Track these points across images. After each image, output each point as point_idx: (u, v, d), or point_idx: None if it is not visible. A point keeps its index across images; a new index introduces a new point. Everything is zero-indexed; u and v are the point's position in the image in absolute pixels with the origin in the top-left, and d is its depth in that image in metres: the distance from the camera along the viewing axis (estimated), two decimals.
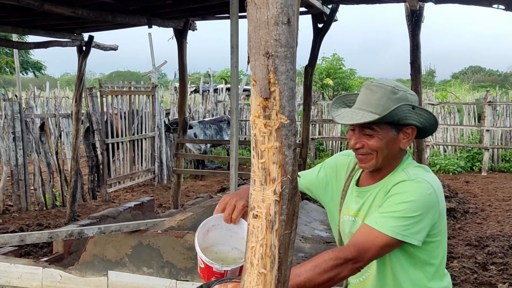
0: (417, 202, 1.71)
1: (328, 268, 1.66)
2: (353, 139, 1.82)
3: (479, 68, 56.40)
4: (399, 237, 1.69)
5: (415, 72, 5.32)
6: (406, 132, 1.82)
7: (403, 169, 1.84)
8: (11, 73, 24.99)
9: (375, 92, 1.79)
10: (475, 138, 14.14)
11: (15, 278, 4.29)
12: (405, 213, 1.70)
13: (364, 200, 1.89)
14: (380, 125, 1.77)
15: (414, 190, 1.73)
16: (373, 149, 1.80)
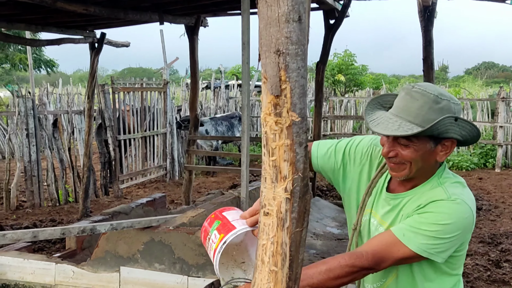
0: (453, 225, 1.63)
1: (342, 274, 1.64)
2: (386, 147, 1.70)
3: (493, 64, 55.88)
4: (424, 254, 1.65)
5: (427, 68, 5.28)
6: (445, 144, 1.68)
7: (440, 183, 1.72)
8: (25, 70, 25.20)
9: (415, 99, 1.63)
10: (488, 134, 14.01)
11: (28, 274, 4.34)
12: (437, 234, 1.63)
13: (390, 208, 1.80)
14: (418, 136, 1.63)
15: (452, 213, 1.64)
16: (407, 159, 1.67)
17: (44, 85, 19.69)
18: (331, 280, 1.64)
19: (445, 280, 1.80)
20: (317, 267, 1.67)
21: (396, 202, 1.80)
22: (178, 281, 3.96)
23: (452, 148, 1.70)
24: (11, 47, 24.38)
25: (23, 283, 4.37)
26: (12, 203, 8.00)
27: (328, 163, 1.96)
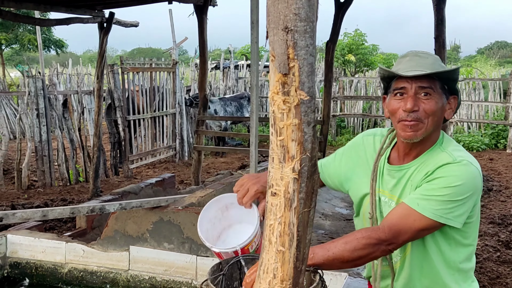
0: (464, 186, 1.65)
1: (359, 246, 1.62)
2: (410, 101, 1.69)
3: (506, 43, 55.08)
4: (442, 220, 1.64)
5: (439, 47, 5.20)
6: (450, 101, 1.77)
7: (443, 149, 1.75)
8: (34, 50, 25.25)
9: (425, 57, 1.73)
10: (500, 115, 13.87)
11: (39, 252, 4.39)
12: (450, 197, 1.64)
13: (396, 180, 1.81)
14: (436, 87, 1.70)
15: (461, 174, 1.66)
16: (428, 112, 1.69)
17: (54, 65, 19.72)
18: (347, 252, 1.63)
19: (459, 251, 1.78)
20: (334, 242, 1.67)
21: (402, 174, 1.80)
22: (187, 260, 3.99)
23: (455, 105, 1.78)
24: (21, 27, 24.41)
25: (34, 261, 4.43)
26: (23, 182, 8.08)
27: (332, 168, 2.06)
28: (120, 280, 4.26)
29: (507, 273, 4.77)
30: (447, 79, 1.71)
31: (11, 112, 13.67)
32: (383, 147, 1.87)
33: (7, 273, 4.50)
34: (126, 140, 9.09)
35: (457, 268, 1.80)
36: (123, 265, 4.23)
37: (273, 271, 1.26)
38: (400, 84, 1.72)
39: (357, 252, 1.63)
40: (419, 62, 1.71)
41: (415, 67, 1.70)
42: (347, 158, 2.01)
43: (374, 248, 1.64)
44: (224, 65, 17.01)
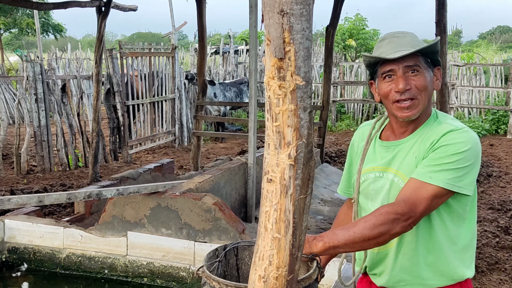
0: (471, 151, 1.68)
1: (378, 222, 1.62)
2: (401, 82, 1.74)
3: (508, 28, 54.75)
4: (455, 189, 1.66)
5: (440, 32, 5.15)
6: (436, 73, 1.81)
7: (441, 122, 1.79)
8: (33, 34, 25.11)
9: (403, 37, 1.78)
10: (501, 100, 13.82)
11: (37, 238, 4.39)
12: (459, 164, 1.66)
13: (394, 154, 1.84)
14: (421, 62, 1.75)
15: (467, 140, 1.69)
16: (420, 88, 1.74)
17: (52, 50, 19.62)
18: (368, 230, 1.63)
19: (462, 227, 1.79)
20: (354, 222, 1.69)
21: (399, 148, 1.84)
22: (184, 246, 3.99)
23: (441, 75, 1.83)
24: (19, 11, 24.25)
25: (32, 246, 4.43)
26: (22, 167, 8.07)
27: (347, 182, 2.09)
28: (118, 265, 4.26)
29: (505, 258, 4.77)
30: (430, 53, 1.76)
31: (10, 97, 13.62)
32: (371, 133, 1.94)
33: (5, 258, 4.51)
34: (125, 125, 9.06)
35: (461, 246, 1.80)
36: (121, 250, 4.23)
37: (269, 258, 1.25)
38: (387, 67, 1.77)
39: (378, 229, 1.63)
40: (400, 43, 1.76)
41: (397, 48, 1.74)
42: (349, 162, 2.08)
43: (393, 223, 1.64)
44: (224, 50, 16.91)
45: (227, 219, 3.88)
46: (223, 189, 4.94)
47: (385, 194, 1.83)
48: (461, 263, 1.81)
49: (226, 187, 5.02)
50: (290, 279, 1.28)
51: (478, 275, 4.47)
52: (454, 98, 12.88)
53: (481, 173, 7.80)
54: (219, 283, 1.64)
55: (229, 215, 3.95)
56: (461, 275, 1.81)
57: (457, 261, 1.80)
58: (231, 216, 3.96)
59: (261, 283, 1.27)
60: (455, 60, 13.69)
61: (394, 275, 1.85)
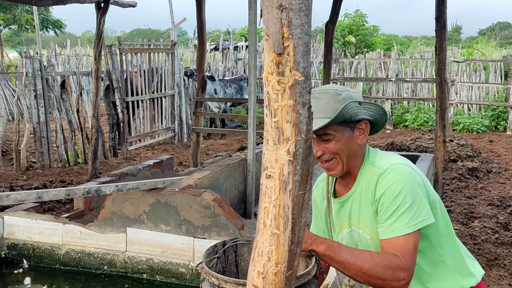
0: (406, 186, 1.71)
1: (381, 264, 1.64)
2: (314, 148, 1.76)
3: (508, 24, 54.68)
4: (419, 226, 1.69)
5: (440, 27, 5.14)
6: (360, 128, 1.83)
7: (372, 163, 1.84)
8: (32, 31, 25.07)
9: (320, 99, 1.80)
10: (501, 96, 13.81)
11: (36, 234, 4.39)
12: (404, 204, 1.69)
13: (349, 208, 1.89)
14: (334, 127, 1.78)
15: (397, 179, 1.72)
16: (333, 152, 1.80)
17: (52, 46, 19.59)
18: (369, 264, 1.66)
19: (443, 247, 1.83)
20: (361, 250, 1.75)
21: (350, 201, 1.89)
22: (184, 242, 3.99)
23: (368, 128, 1.84)
24: (19, 7, 24.21)
25: (31, 242, 4.43)
26: (22, 164, 8.06)
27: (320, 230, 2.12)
28: (118, 261, 4.26)
29: (505, 254, 4.78)
30: (342, 117, 1.76)
31: (9, 93, 13.61)
32: (328, 190, 1.99)
33: (5, 255, 4.51)
34: (125, 122, 9.05)
35: (451, 262, 1.84)
36: (120, 246, 4.23)
37: (268, 254, 1.25)
38: None
39: (377, 269, 1.64)
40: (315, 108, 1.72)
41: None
42: (315, 217, 2.12)
43: (392, 273, 1.65)
44: (223, 46, 16.88)
45: (227, 215, 3.88)
46: (222, 186, 4.94)
47: (360, 247, 1.88)
48: (459, 276, 1.85)
49: (225, 184, 5.02)
50: (289, 275, 1.28)
51: None
52: (453, 94, 12.86)
53: (481, 169, 7.80)
54: (218, 279, 1.64)
55: (229, 211, 3.95)
56: (463, 285, 1.84)
57: (453, 277, 1.84)
58: (230, 212, 3.96)
59: (260, 279, 1.27)
60: (454, 56, 13.67)
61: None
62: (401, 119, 13.37)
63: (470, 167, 7.68)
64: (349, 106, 1.77)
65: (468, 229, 5.38)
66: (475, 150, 8.53)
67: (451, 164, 7.85)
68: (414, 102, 13.81)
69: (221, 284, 1.62)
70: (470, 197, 6.63)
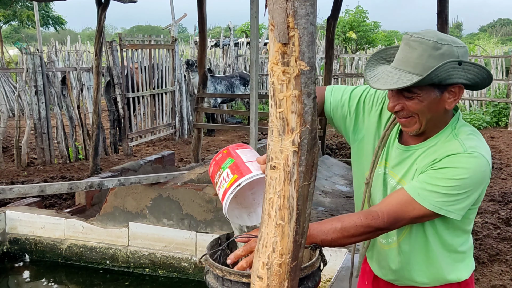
0: (470, 179, 1.56)
1: (357, 234, 1.62)
2: (391, 101, 1.62)
3: (509, 20, 54.58)
4: (442, 212, 1.59)
5: (442, 23, 5.13)
6: (451, 91, 1.59)
7: (455, 136, 1.63)
8: (33, 27, 25.04)
9: (414, 48, 1.54)
10: (502, 92, 13.79)
11: (38, 228, 4.39)
12: (453, 190, 1.56)
13: (402, 159, 1.73)
14: (420, 86, 1.54)
15: (470, 167, 1.56)
16: (413, 111, 1.60)
17: (52, 42, 19.57)
18: (345, 239, 1.62)
19: (458, 236, 1.77)
20: (331, 224, 1.63)
21: (408, 154, 1.72)
22: (186, 236, 3.99)
23: (461, 93, 1.60)
24: (19, 3, 24.17)
25: (34, 237, 4.44)
26: (23, 160, 8.06)
27: (341, 111, 1.88)
28: (120, 256, 4.27)
29: (506, 250, 4.78)
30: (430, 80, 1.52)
31: (10, 89, 13.59)
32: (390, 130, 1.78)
33: (7, 249, 4.51)
34: (126, 118, 9.04)
35: (455, 251, 1.79)
36: (122, 241, 4.23)
37: (273, 245, 1.25)
38: None
39: (354, 238, 1.63)
40: (404, 57, 1.57)
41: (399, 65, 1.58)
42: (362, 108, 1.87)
43: (370, 234, 1.64)
44: (224, 43, 16.85)
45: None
46: None
47: (384, 195, 1.79)
48: (457, 269, 1.81)
49: None
50: (294, 266, 1.28)
51: (479, 266, 4.48)
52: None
53: None
54: (222, 271, 1.63)
55: None
56: (456, 278, 1.81)
57: (451, 267, 1.80)
58: None
59: (264, 270, 1.27)
60: None
61: (388, 273, 1.88)
62: None
63: None
64: (444, 67, 1.50)
65: None
66: None
67: None
68: None
69: (226, 276, 1.62)
70: None
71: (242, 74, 12.22)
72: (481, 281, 4.20)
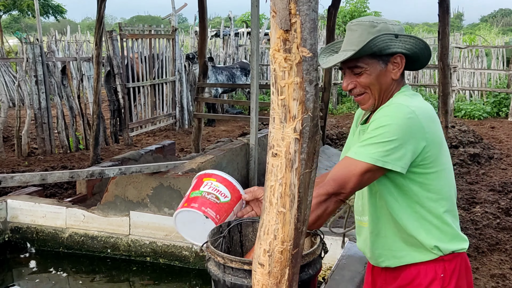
0: (394, 125, 1.65)
1: (313, 207, 1.62)
2: (345, 81, 1.82)
3: (510, 11, 54.36)
4: (379, 163, 1.63)
5: (443, 12, 5.11)
6: (394, 62, 1.78)
7: (391, 101, 1.79)
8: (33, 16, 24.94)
9: (355, 30, 1.77)
10: (502, 83, 13.77)
11: (40, 217, 4.41)
12: (381, 138, 1.64)
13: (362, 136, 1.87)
14: (365, 60, 1.74)
15: (391, 114, 1.67)
16: (364, 86, 1.78)
17: (52, 32, 19.50)
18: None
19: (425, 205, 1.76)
20: None
21: (365, 129, 1.85)
22: None
23: (403, 62, 1.78)
24: None
25: (35, 226, 4.45)
26: (23, 150, 8.07)
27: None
28: (121, 245, 4.28)
29: (506, 239, 4.80)
30: (370, 49, 1.71)
31: (10, 79, 13.57)
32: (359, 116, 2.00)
33: (8, 238, 4.53)
34: (126, 108, 9.03)
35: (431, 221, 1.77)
36: (123, 230, 4.25)
37: (274, 232, 1.25)
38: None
39: (314, 213, 1.63)
40: (348, 40, 1.79)
41: (344, 47, 1.80)
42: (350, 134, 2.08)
43: (326, 203, 1.65)
44: (224, 33, 16.81)
45: None
46: (225, 170, 4.95)
47: None
48: (436, 238, 1.77)
49: (228, 168, 5.03)
50: (295, 253, 1.28)
51: (479, 256, 4.49)
52: (455, 80, 12.82)
53: (482, 155, 7.80)
54: (224, 258, 1.65)
55: None
56: (444, 249, 1.77)
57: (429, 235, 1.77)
58: None
59: (266, 257, 1.28)
60: (457, 42, 13.61)
61: (373, 252, 1.90)
62: None
63: (472, 153, 7.68)
64: (380, 38, 1.71)
65: (469, 214, 5.39)
66: (476, 136, 8.53)
67: (453, 150, 7.85)
68: (415, 89, 13.77)
69: (227, 263, 1.63)
70: (471, 182, 6.64)
71: (242, 64, 12.19)
72: (481, 270, 4.22)
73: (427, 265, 1.78)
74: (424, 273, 1.78)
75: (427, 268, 1.78)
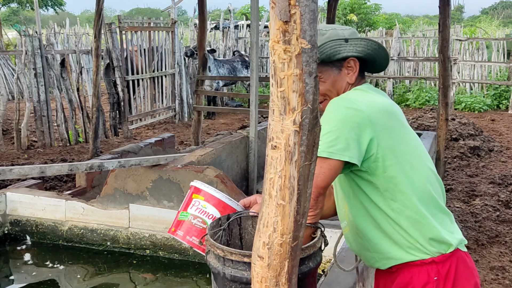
0: (333, 117, 1.66)
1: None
2: None
3: (510, 3, 54.17)
4: (325, 154, 1.62)
5: (443, 4, 5.09)
6: (348, 66, 1.79)
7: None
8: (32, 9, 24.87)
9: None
10: (503, 75, 13.74)
11: (39, 210, 4.41)
12: (324, 130, 1.62)
13: None
14: (318, 68, 1.71)
15: (330, 108, 1.70)
16: (322, 93, 1.79)
17: (51, 25, 19.43)
18: None
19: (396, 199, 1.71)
20: None
21: None
22: None
23: (356, 66, 1.79)
24: None
25: (34, 219, 4.45)
26: (23, 142, 8.06)
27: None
28: (121, 237, 4.29)
29: (506, 232, 4.80)
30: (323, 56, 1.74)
31: (9, 72, 13.54)
32: None
33: (8, 231, 4.53)
34: (125, 101, 9.02)
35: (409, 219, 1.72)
36: (123, 222, 4.25)
37: (273, 225, 1.25)
38: None
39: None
40: None
41: None
42: None
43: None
44: (224, 25, 16.74)
45: (229, 192, 3.88)
46: (224, 163, 4.94)
47: None
48: (417, 234, 1.72)
49: (227, 161, 5.02)
50: (295, 246, 1.28)
51: (479, 248, 4.50)
52: (455, 73, 12.80)
53: (482, 148, 7.80)
54: (224, 251, 1.64)
55: (231, 188, 3.96)
56: (426, 246, 1.72)
57: (410, 230, 1.72)
58: (233, 189, 3.97)
59: (265, 249, 1.27)
60: (457, 35, 13.57)
61: (362, 254, 1.89)
62: (403, 98, 13.33)
63: (472, 145, 7.68)
64: (327, 45, 1.74)
65: (469, 207, 5.40)
66: (477, 129, 8.52)
67: (453, 143, 7.85)
68: (416, 81, 13.75)
69: (227, 256, 1.63)
70: (471, 175, 6.64)
71: (242, 58, 12.16)
72: (480, 263, 4.22)
73: (420, 269, 1.74)
74: (417, 276, 1.74)
75: (420, 272, 1.74)
